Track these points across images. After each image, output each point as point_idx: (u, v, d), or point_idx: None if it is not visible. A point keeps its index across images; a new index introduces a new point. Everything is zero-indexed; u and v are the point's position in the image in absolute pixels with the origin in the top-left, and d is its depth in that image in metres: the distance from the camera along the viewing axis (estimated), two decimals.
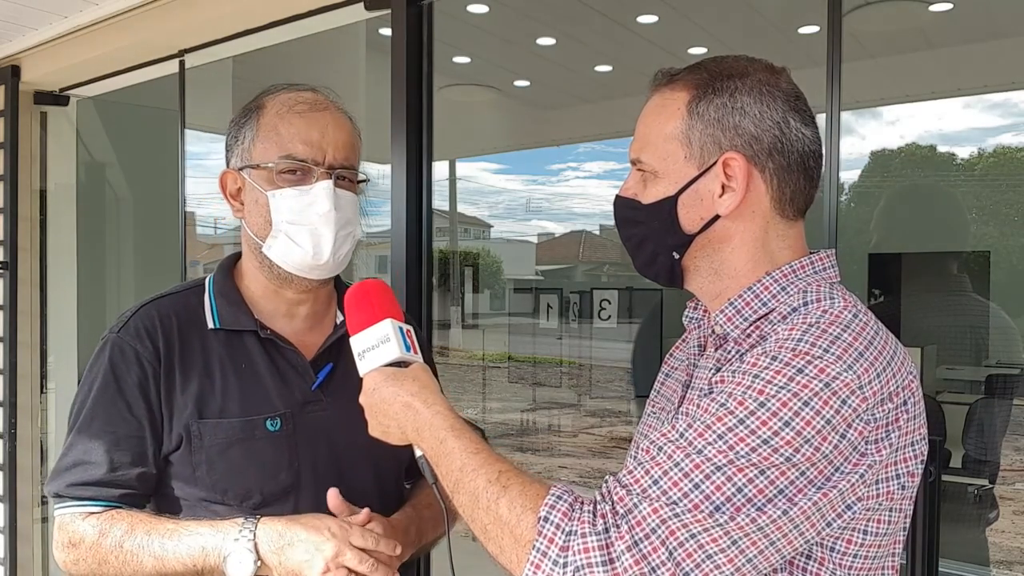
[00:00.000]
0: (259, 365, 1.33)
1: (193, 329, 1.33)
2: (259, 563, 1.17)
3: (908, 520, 1.02)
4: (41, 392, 3.98)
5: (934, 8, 3.61)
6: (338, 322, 1.42)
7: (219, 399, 1.29)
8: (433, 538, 1.41)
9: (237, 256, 1.42)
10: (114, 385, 1.28)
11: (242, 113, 1.35)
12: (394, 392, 1.08)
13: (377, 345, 1.12)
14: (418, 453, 1.09)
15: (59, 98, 3.99)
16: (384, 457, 1.28)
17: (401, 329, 1.13)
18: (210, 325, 1.34)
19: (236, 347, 1.33)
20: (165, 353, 1.30)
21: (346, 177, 1.33)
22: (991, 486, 3.04)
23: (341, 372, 1.36)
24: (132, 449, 1.27)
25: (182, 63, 3.35)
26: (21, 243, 3.86)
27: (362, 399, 1.12)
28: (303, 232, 1.30)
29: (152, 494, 1.31)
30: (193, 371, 1.30)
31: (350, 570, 1.17)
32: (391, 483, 1.43)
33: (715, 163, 1.02)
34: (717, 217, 1.04)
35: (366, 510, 1.26)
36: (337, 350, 1.38)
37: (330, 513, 1.25)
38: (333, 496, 1.25)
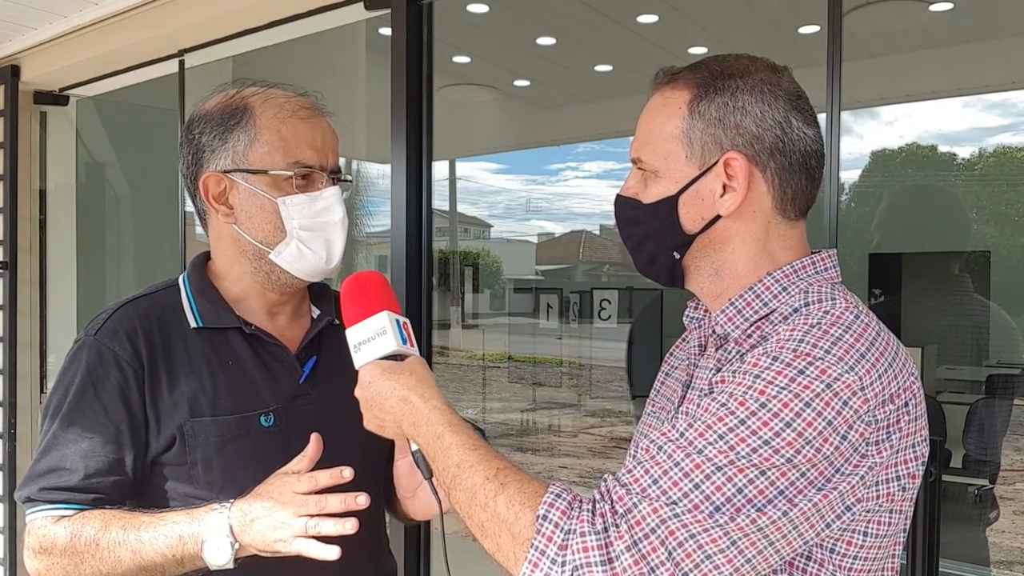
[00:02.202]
0: (246, 362, 1.32)
1: (174, 329, 1.32)
2: (237, 546, 1.14)
3: (908, 521, 1.01)
4: (41, 392, 3.98)
5: (934, 8, 3.61)
6: (314, 315, 1.42)
7: (211, 397, 1.28)
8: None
9: (207, 255, 1.41)
10: (91, 390, 1.25)
11: (226, 114, 1.30)
12: (390, 386, 1.07)
13: (373, 338, 1.10)
14: (413, 448, 1.09)
15: (59, 98, 3.99)
16: (374, 447, 1.27)
17: (398, 321, 1.11)
18: (192, 324, 1.32)
19: (220, 345, 1.32)
20: (148, 355, 1.28)
21: (338, 180, 1.34)
22: (991, 486, 3.03)
23: (324, 364, 1.37)
24: (109, 456, 1.25)
25: (182, 63, 3.35)
26: (21, 243, 3.87)
27: (357, 392, 1.11)
28: (317, 238, 1.30)
29: (125, 501, 1.28)
30: (180, 371, 1.29)
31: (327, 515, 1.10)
32: (381, 472, 1.43)
33: (716, 163, 1.02)
34: (718, 217, 1.03)
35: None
36: (318, 343, 1.38)
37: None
38: (314, 441, 1.18)
